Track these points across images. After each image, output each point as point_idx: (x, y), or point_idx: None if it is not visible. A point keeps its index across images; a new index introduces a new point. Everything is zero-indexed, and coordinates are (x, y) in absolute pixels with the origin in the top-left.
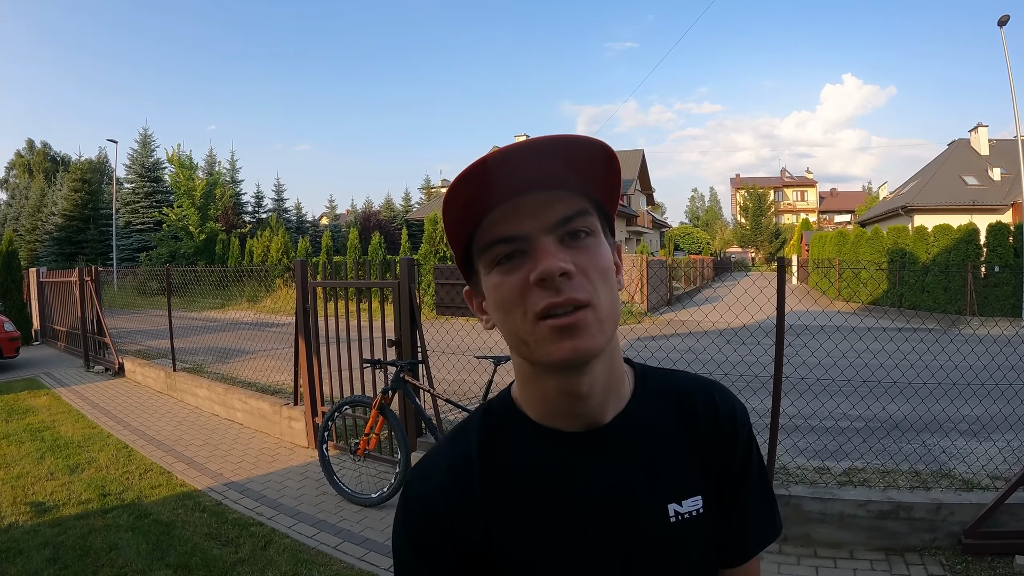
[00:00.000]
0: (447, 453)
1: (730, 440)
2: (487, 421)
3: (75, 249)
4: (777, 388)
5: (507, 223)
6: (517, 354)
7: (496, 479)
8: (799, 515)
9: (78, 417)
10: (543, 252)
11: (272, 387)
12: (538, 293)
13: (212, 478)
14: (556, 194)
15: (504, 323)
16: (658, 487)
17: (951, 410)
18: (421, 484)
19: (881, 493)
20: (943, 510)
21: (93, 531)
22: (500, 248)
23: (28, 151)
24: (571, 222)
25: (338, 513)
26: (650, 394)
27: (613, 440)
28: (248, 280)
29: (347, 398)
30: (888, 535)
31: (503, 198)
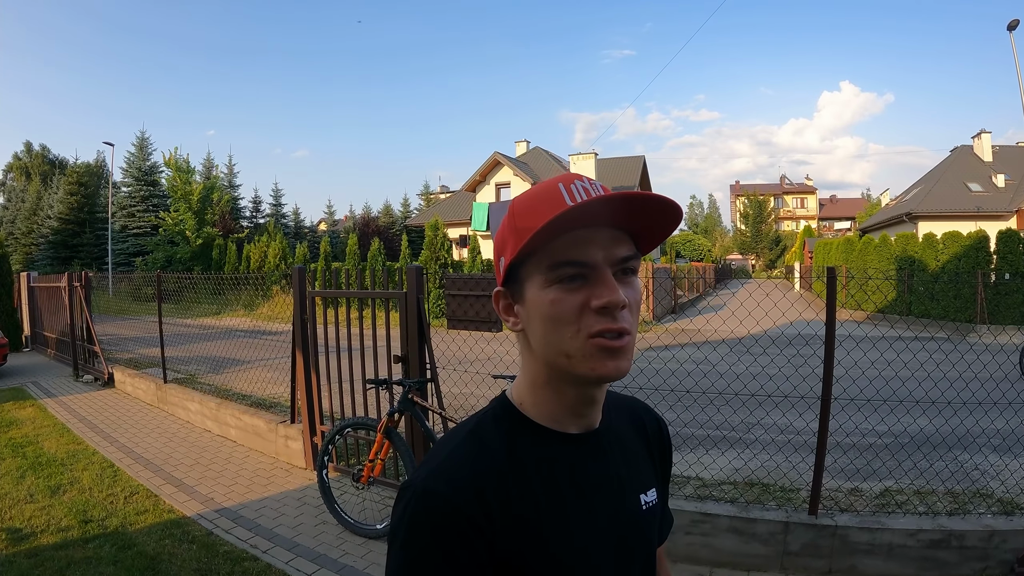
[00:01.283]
0: (469, 456)
1: (667, 449)
2: (501, 426)
3: (70, 253)
4: (825, 410)
5: (580, 249)
6: (550, 364)
7: (521, 480)
8: (846, 547)
9: (63, 431)
10: (609, 284)
11: (268, 400)
12: (595, 317)
13: (202, 503)
14: (619, 233)
15: (550, 334)
16: (633, 481)
17: (975, 423)
18: (448, 487)
19: (931, 521)
20: (995, 537)
21: (72, 564)
22: (568, 269)
23: (26, 154)
24: (628, 261)
25: (340, 546)
26: (613, 407)
27: (603, 442)
28: (245, 287)
29: (349, 420)
30: (938, 565)
31: (582, 224)
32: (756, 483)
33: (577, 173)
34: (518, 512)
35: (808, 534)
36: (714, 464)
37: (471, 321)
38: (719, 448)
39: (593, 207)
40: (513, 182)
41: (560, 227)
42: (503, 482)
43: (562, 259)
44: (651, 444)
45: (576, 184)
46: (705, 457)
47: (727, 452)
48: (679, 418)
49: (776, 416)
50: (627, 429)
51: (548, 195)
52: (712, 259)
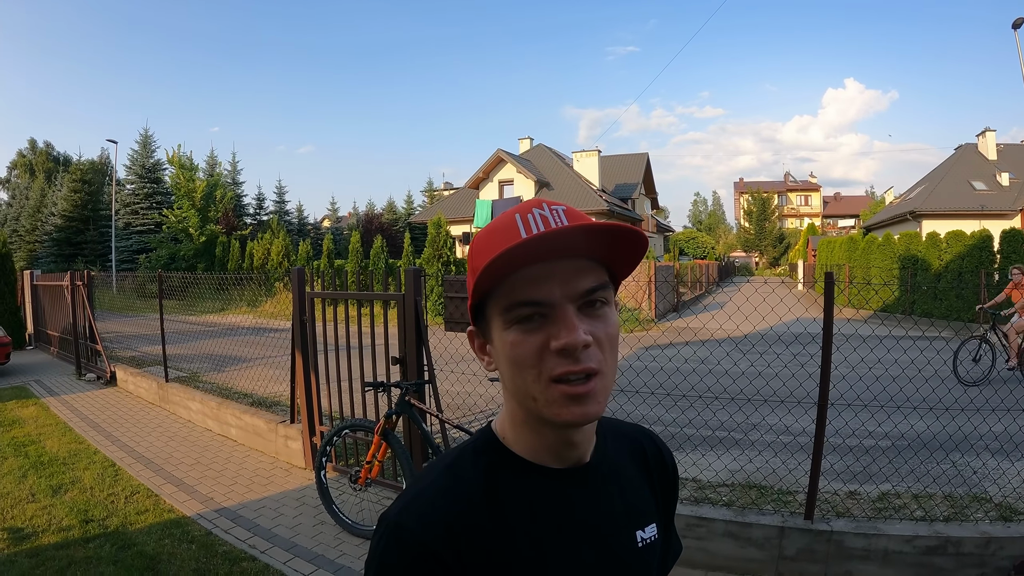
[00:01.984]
0: (444, 492)
1: (672, 479)
2: (480, 460)
3: (74, 250)
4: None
5: (536, 287)
6: (521, 406)
7: (499, 517)
8: (841, 552)
9: (65, 430)
10: (568, 323)
11: (269, 399)
12: (556, 359)
13: (202, 503)
14: (583, 263)
15: (515, 378)
16: (628, 517)
17: (974, 426)
18: (418, 523)
19: (928, 527)
20: (992, 544)
21: (73, 563)
22: (524, 309)
23: (31, 151)
24: (593, 293)
25: (337, 547)
26: (609, 437)
27: (594, 476)
28: (248, 284)
29: (347, 422)
30: (935, 571)
31: (535, 261)
32: (753, 486)
33: (540, 199)
34: (491, 551)
35: (804, 539)
36: (711, 466)
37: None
38: (717, 450)
39: (542, 241)
40: (516, 179)
41: (510, 264)
42: (477, 520)
43: (517, 299)
44: (652, 474)
45: (534, 213)
46: (702, 460)
47: (725, 454)
48: (678, 420)
49: (775, 417)
50: (625, 460)
51: (503, 229)
52: (715, 257)
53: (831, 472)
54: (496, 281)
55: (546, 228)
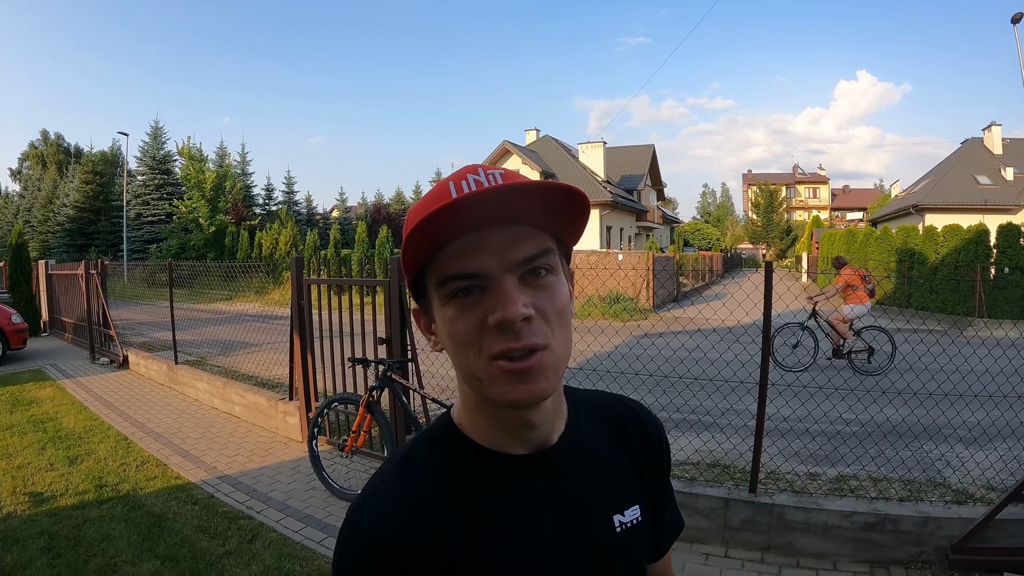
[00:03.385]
0: (395, 487)
1: (658, 451)
2: (434, 451)
3: (87, 240)
4: (763, 393)
5: (469, 258)
6: (470, 387)
7: (453, 511)
8: (783, 524)
9: (80, 409)
10: (505, 295)
11: (272, 381)
12: (495, 335)
13: (206, 471)
14: (521, 230)
15: (457, 356)
16: (603, 500)
17: (951, 416)
18: (371, 521)
19: (867, 504)
20: (931, 523)
21: (87, 521)
22: (459, 283)
23: (42, 142)
24: (534, 261)
25: (325, 508)
26: (582, 414)
27: (561, 459)
28: (256, 273)
29: (336, 395)
30: (873, 547)
31: (466, 229)
32: (717, 465)
33: (476, 165)
34: (445, 546)
35: (747, 511)
36: (682, 447)
37: None
38: (690, 432)
39: (469, 205)
40: (522, 170)
41: (439, 233)
42: (428, 514)
43: (450, 272)
44: (634, 450)
45: (469, 178)
46: (674, 441)
47: (697, 437)
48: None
49: (750, 402)
50: (600, 437)
51: (436, 196)
52: (721, 248)
53: (801, 455)
54: (427, 253)
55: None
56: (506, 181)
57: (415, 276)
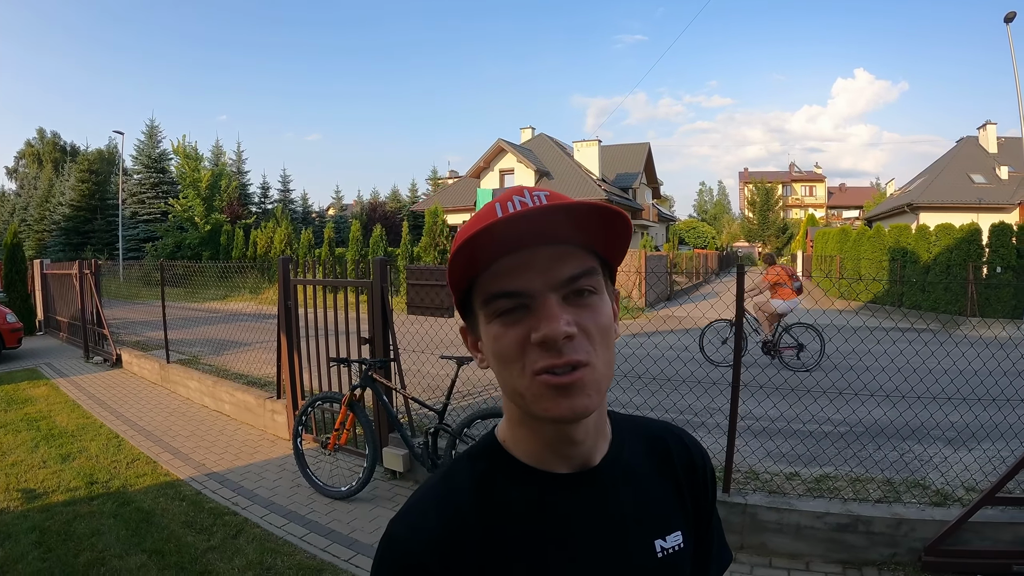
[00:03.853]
0: (436, 502)
1: (703, 479)
2: (476, 467)
3: (82, 239)
4: (735, 394)
5: (513, 277)
6: (513, 403)
7: (492, 527)
8: (756, 524)
9: (74, 407)
10: (548, 313)
11: (262, 380)
12: (538, 352)
13: (195, 468)
14: (565, 249)
15: (501, 373)
16: (645, 524)
17: (937, 416)
18: (410, 535)
19: (840, 505)
20: (904, 525)
21: (78, 517)
22: (503, 302)
23: (39, 140)
24: (577, 281)
25: (309, 505)
26: (627, 437)
27: (603, 480)
28: (250, 272)
29: (319, 394)
30: (846, 548)
31: (511, 249)
32: None
33: (522, 187)
34: (483, 563)
35: (720, 510)
36: None
37: (427, 308)
38: None
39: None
40: (517, 169)
41: (485, 253)
42: (466, 531)
43: (495, 290)
44: (678, 476)
45: (515, 199)
46: None
47: None
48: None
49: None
50: (643, 461)
51: (483, 217)
52: (716, 246)
53: (782, 455)
54: (472, 272)
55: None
56: (550, 202)
57: (462, 294)
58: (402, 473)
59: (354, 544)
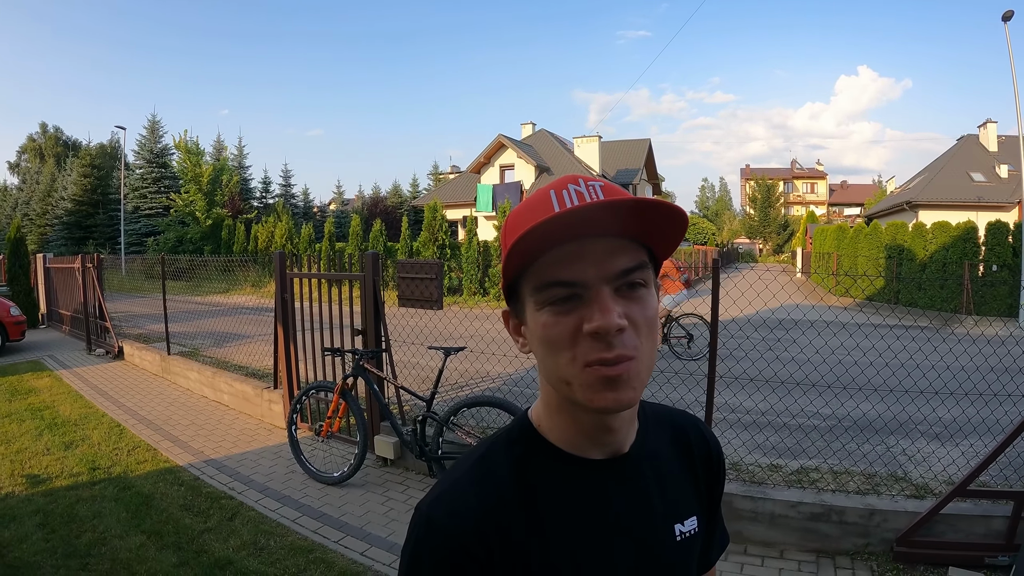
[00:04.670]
0: (475, 485)
1: (718, 470)
2: (513, 451)
3: (85, 234)
4: (711, 386)
5: (569, 267)
6: (555, 390)
7: (532, 509)
8: (731, 512)
9: (76, 398)
10: (602, 305)
11: (261, 371)
12: (590, 343)
13: (193, 455)
14: (619, 243)
15: (547, 360)
16: (667, 509)
17: (924, 411)
18: (450, 519)
19: (814, 495)
20: (876, 516)
21: (80, 501)
22: (557, 290)
23: (41, 135)
24: (631, 274)
25: (302, 490)
26: (652, 426)
27: (632, 466)
28: (252, 266)
29: (313, 383)
30: (820, 537)
31: (568, 238)
32: None
33: (576, 175)
34: (523, 546)
35: None
36: None
37: (417, 300)
38: None
39: (572, 217)
40: (517, 164)
41: (542, 242)
42: (507, 513)
43: (549, 279)
44: (696, 464)
45: (570, 188)
46: None
47: None
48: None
49: (727, 395)
50: (667, 449)
51: (537, 205)
52: (717, 243)
53: (767, 447)
54: (527, 259)
55: (580, 204)
56: (607, 195)
57: (511, 280)
58: (392, 460)
59: (344, 527)
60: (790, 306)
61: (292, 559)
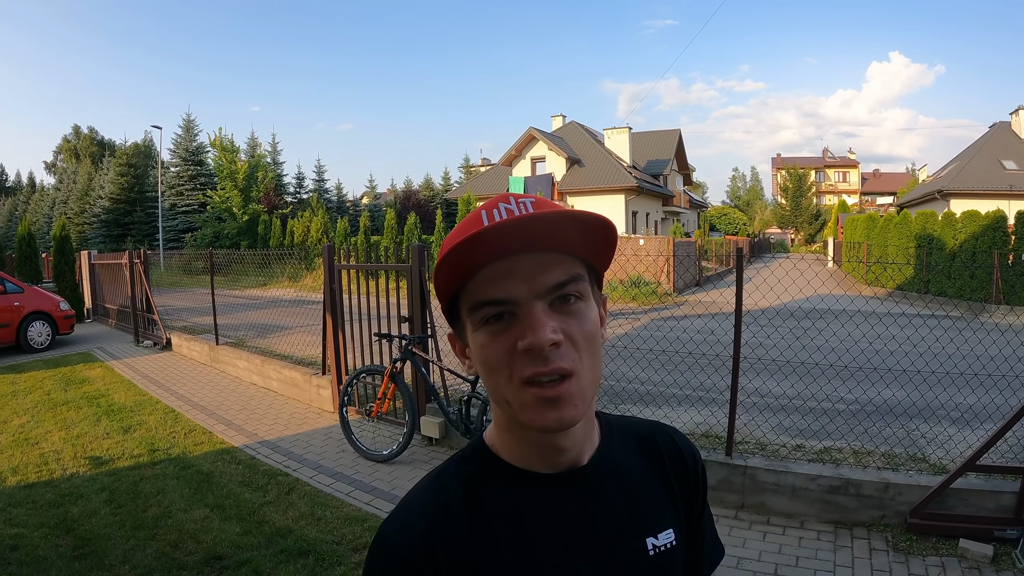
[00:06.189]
0: (425, 503)
1: (694, 477)
2: (464, 469)
3: (123, 231)
4: (735, 367)
5: (499, 285)
6: (500, 409)
7: (480, 527)
8: (755, 485)
9: (129, 386)
10: (534, 321)
11: (306, 359)
12: (525, 359)
13: (248, 437)
14: (551, 256)
15: (488, 380)
16: (636, 523)
17: (950, 396)
18: (400, 536)
19: (832, 469)
20: (891, 489)
21: (143, 479)
22: (489, 309)
23: (75, 136)
24: (563, 287)
25: (353, 467)
26: (616, 438)
27: (591, 480)
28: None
29: (363, 367)
30: (838, 509)
31: (496, 256)
32: (712, 435)
33: (508, 194)
34: (474, 565)
35: (723, 471)
36: (682, 420)
37: None
38: (692, 408)
39: (492, 235)
40: (548, 156)
41: (467, 261)
42: (455, 532)
43: (481, 298)
44: (670, 476)
45: (500, 207)
46: (674, 413)
47: (697, 412)
48: (663, 380)
49: (760, 381)
50: (634, 460)
51: (468, 226)
52: (748, 233)
53: (794, 430)
54: (456, 280)
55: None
56: (537, 210)
57: (449, 302)
58: (438, 439)
59: (395, 499)
60: (820, 296)
61: (348, 528)
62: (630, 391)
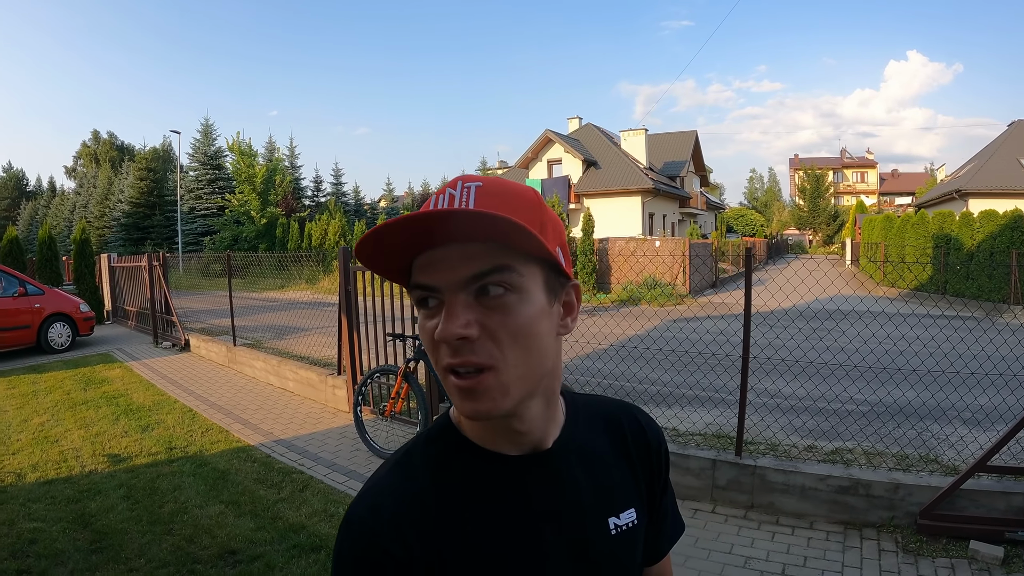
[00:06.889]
0: (393, 484)
1: (656, 456)
2: (430, 449)
3: (142, 234)
4: (745, 367)
5: (429, 271)
6: None
7: (449, 508)
8: (764, 485)
9: (148, 386)
10: (448, 312)
11: (322, 360)
12: (445, 347)
13: (263, 436)
14: (479, 247)
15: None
16: (599, 503)
17: (957, 398)
18: (370, 515)
19: (842, 469)
20: (901, 490)
21: (160, 476)
22: (419, 292)
23: (94, 141)
24: (485, 278)
25: (367, 465)
26: (582, 419)
27: (557, 462)
28: (306, 262)
29: (377, 367)
30: (848, 509)
31: (424, 247)
32: (723, 435)
33: (458, 177)
34: (442, 544)
35: (732, 471)
36: (693, 420)
37: None
38: (702, 408)
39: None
40: (564, 159)
41: (407, 245)
42: (424, 512)
43: (415, 280)
44: (633, 457)
45: (446, 192)
46: (685, 414)
47: (708, 413)
48: (674, 380)
49: (769, 382)
50: (599, 442)
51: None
52: (765, 234)
53: (804, 430)
54: (398, 258)
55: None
56: (478, 196)
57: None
58: None
59: None
60: (837, 297)
61: None
62: (641, 391)
